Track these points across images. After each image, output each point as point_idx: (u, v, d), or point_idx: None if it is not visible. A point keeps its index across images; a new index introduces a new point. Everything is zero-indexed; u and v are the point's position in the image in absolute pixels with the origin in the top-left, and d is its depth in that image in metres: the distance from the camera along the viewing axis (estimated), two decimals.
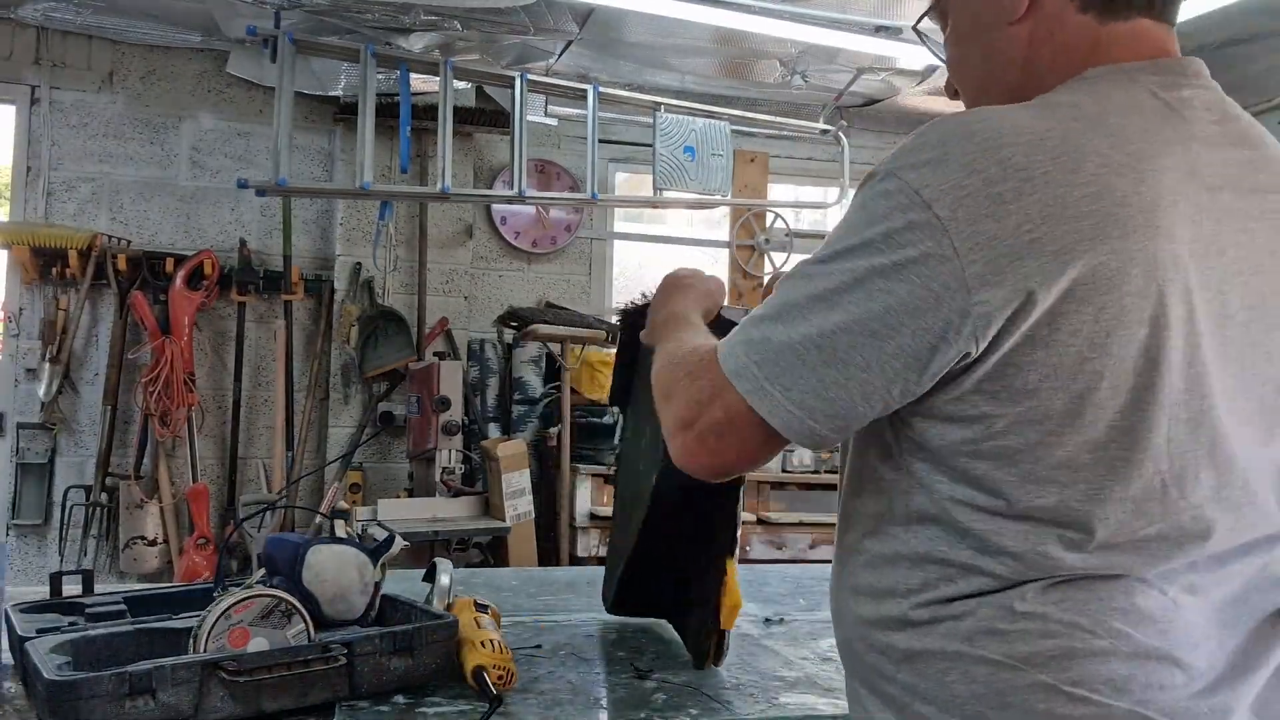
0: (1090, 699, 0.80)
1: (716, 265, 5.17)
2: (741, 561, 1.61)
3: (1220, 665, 0.84)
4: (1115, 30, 0.91)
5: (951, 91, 1.05)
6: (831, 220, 5.52)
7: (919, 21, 1.10)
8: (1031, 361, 0.80)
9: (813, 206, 5.22)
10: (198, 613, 1.28)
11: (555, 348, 4.32)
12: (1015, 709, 0.81)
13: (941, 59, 1.06)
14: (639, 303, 1.52)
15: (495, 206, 4.72)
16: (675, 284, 1.30)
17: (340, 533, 1.46)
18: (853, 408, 0.84)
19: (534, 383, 4.48)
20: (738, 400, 0.87)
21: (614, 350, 4.65)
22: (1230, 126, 0.88)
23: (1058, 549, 0.82)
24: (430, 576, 1.49)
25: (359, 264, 4.39)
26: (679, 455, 0.93)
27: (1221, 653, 0.84)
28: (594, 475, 4.16)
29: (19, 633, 1.28)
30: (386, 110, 3.88)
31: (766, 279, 5.06)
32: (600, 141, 3.93)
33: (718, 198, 4.20)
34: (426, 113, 3.80)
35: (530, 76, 3.73)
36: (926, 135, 0.84)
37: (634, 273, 5.15)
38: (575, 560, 4.07)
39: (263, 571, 1.41)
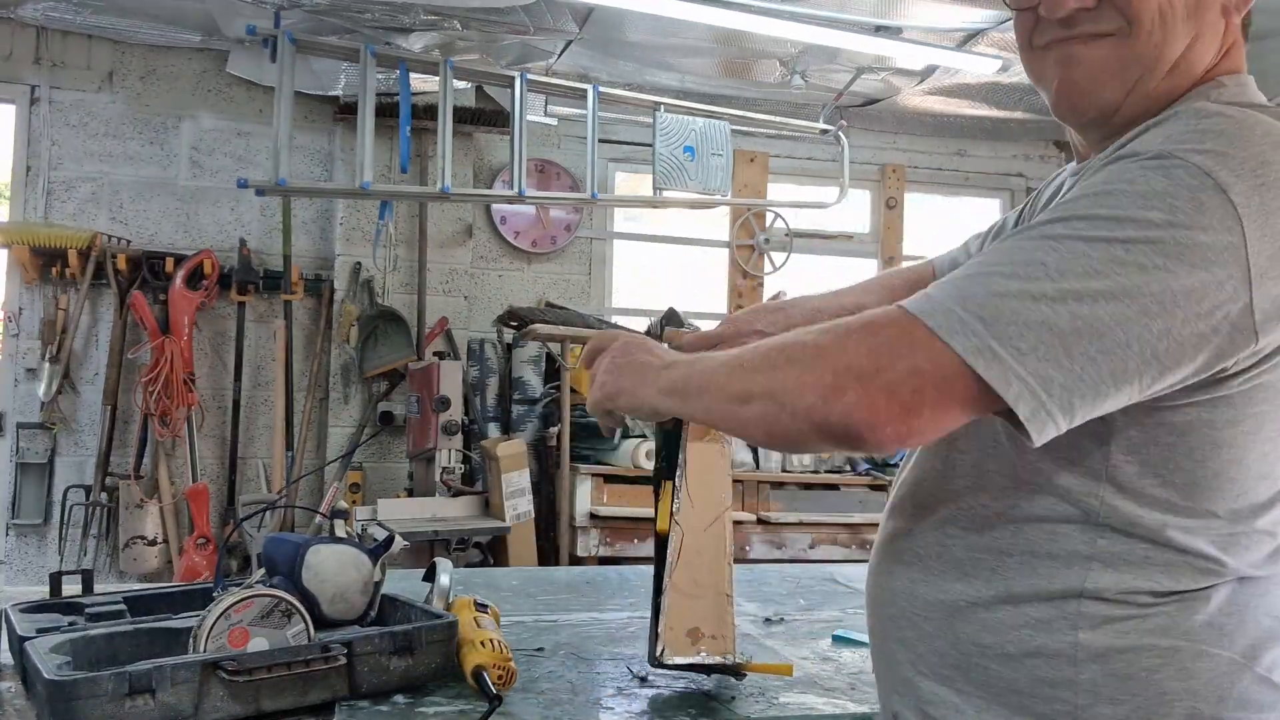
0: None
1: (716, 265, 5.17)
2: (741, 561, 1.60)
3: None
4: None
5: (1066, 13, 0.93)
6: (832, 220, 5.51)
7: None
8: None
9: (813, 206, 5.21)
10: (197, 613, 1.28)
11: (555, 347, 4.32)
12: (1233, 701, 0.81)
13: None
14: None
15: (495, 206, 4.72)
16: (633, 342, 1.04)
17: (340, 533, 1.46)
18: (1097, 389, 0.75)
19: (534, 382, 4.48)
20: (950, 358, 0.75)
21: None
22: None
23: (1249, 549, 0.83)
24: (430, 576, 1.49)
25: (359, 264, 4.39)
26: (847, 410, 0.77)
27: None
28: (594, 475, 4.16)
29: (19, 632, 1.28)
30: (386, 110, 3.88)
31: (766, 278, 5.06)
32: (600, 141, 3.93)
33: (718, 197, 4.19)
34: (426, 112, 3.80)
35: (530, 76, 3.73)
36: (1201, 124, 0.79)
37: (635, 273, 5.15)
38: (575, 560, 4.07)
39: (262, 571, 1.41)
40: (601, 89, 3.87)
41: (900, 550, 0.97)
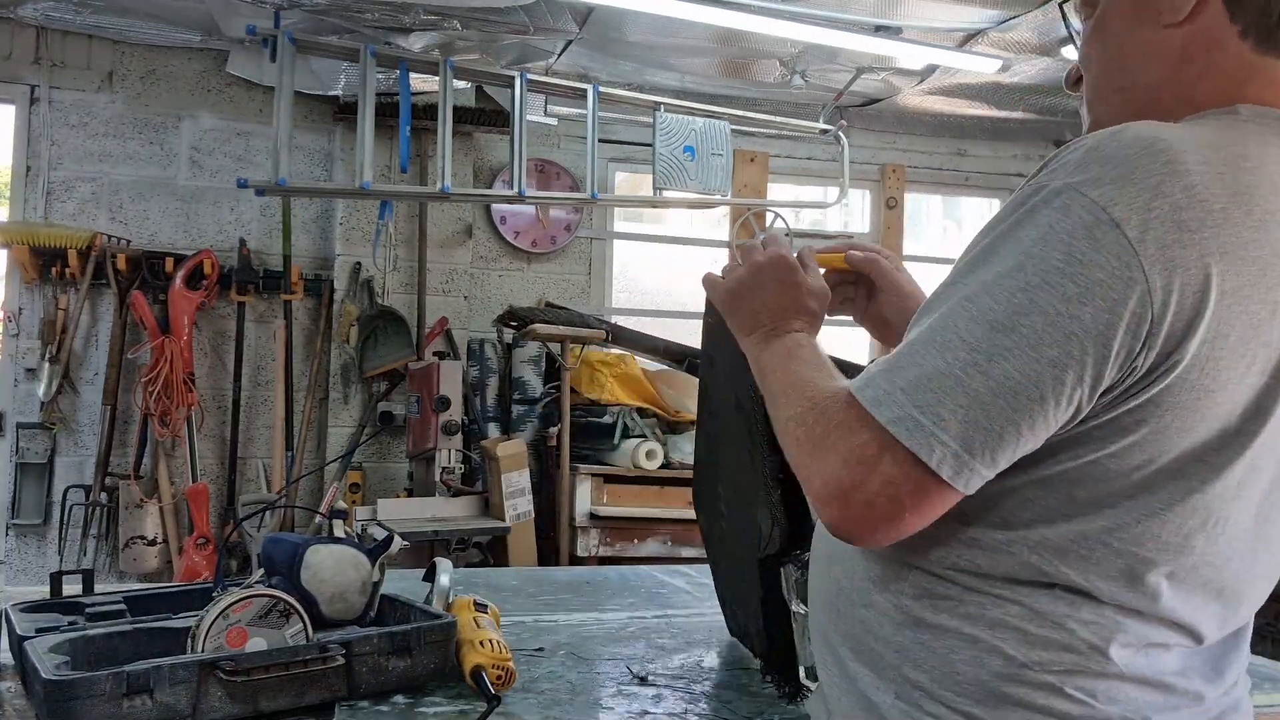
0: (1087, 703, 0.83)
1: (717, 265, 5.16)
2: None
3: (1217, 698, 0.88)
4: (1270, 66, 0.88)
5: (1073, 82, 1.01)
6: (832, 219, 5.51)
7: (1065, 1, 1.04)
8: (1173, 402, 0.78)
9: (813, 206, 5.22)
10: (197, 613, 1.28)
11: (555, 347, 4.32)
12: (1013, 700, 0.84)
13: (1074, 41, 1.01)
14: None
15: (495, 206, 4.72)
16: (781, 276, 1.09)
17: (339, 533, 1.46)
18: (1016, 442, 0.78)
19: (534, 382, 4.48)
20: (913, 460, 0.79)
21: (616, 350, 4.62)
22: None
23: (1104, 573, 0.84)
24: (430, 576, 1.48)
25: (359, 264, 4.39)
26: (836, 521, 0.83)
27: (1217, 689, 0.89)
28: (594, 475, 4.16)
29: (18, 632, 1.28)
30: (386, 110, 3.88)
31: None
32: (600, 141, 3.93)
33: (717, 197, 4.19)
34: (426, 112, 3.80)
35: (530, 76, 3.73)
36: (1104, 149, 0.79)
37: (634, 273, 5.15)
38: (575, 560, 4.07)
39: (261, 571, 1.41)
40: (601, 89, 3.87)
41: None
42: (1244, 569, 0.87)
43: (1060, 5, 1.10)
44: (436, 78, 3.55)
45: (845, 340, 4.30)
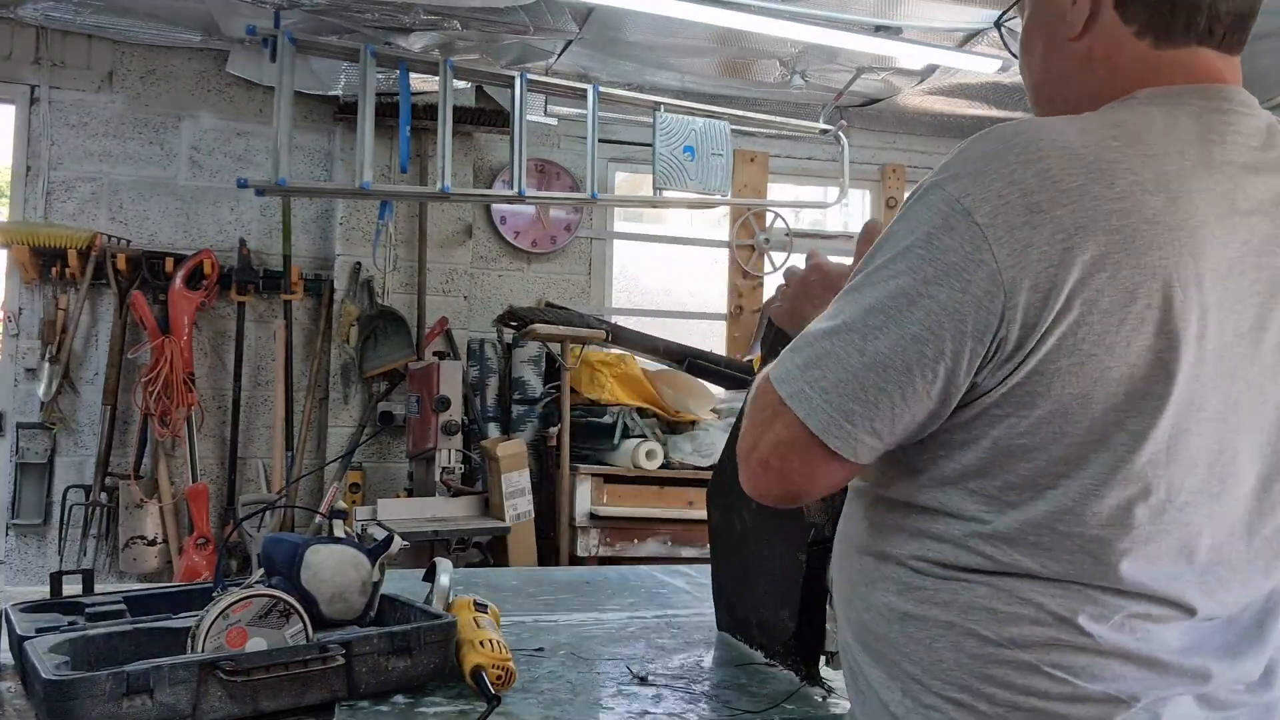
0: (1068, 680, 0.85)
1: (716, 265, 5.17)
2: None
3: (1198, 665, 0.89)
4: (1172, 57, 0.93)
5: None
6: (832, 219, 5.51)
7: (1002, 20, 1.15)
8: (1057, 369, 0.83)
9: (813, 206, 5.22)
10: (197, 613, 1.28)
11: (555, 347, 4.32)
12: (995, 681, 0.86)
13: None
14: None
15: (495, 206, 4.71)
16: (820, 279, 1.20)
17: (339, 533, 1.46)
18: (891, 411, 0.86)
19: (534, 382, 4.48)
20: (796, 421, 0.88)
21: (616, 350, 4.62)
22: (1274, 154, 0.91)
23: (1051, 545, 0.87)
24: (430, 576, 1.49)
25: (359, 264, 4.39)
26: (745, 483, 0.95)
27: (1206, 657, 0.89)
28: (594, 475, 4.16)
29: (18, 632, 1.28)
30: (386, 110, 3.88)
31: (766, 278, 5.06)
32: (600, 141, 3.93)
33: (718, 197, 4.19)
34: (426, 112, 3.79)
35: (530, 76, 3.73)
36: (970, 149, 0.87)
37: (634, 273, 5.15)
38: (575, 560, 4.07)
39: (261, 571, 1.41)
40: (601, 89, 3.87)
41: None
42: (1224, 537, 0.88)
43: (996, 25, 1.19)
44: (436, 78, 3.55)
45: None
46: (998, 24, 1.05)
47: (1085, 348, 0.82)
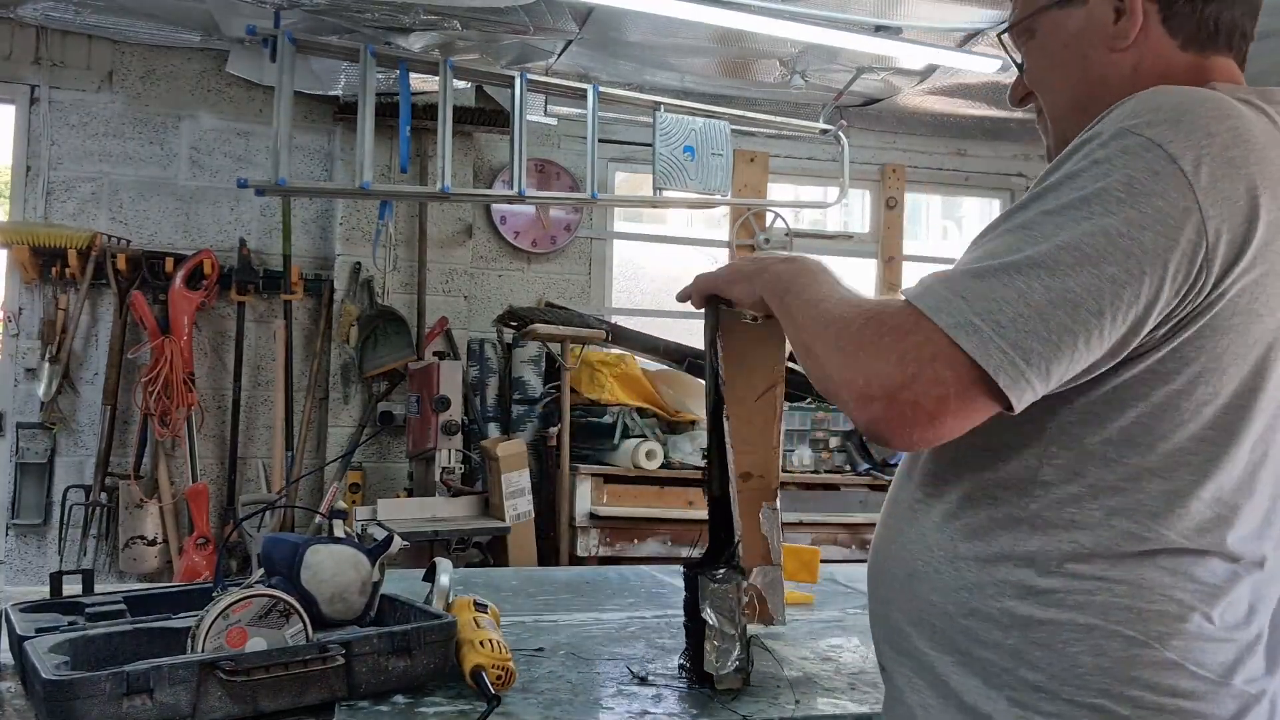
0: (1209, 679, 0.85)
1: (716, 265, 5.15)
2: None
3: None
4: (1215, 63, 0.99)
5: (1019, 99, 1.11)
6: (831, 219, 5.51)
7: (1003, 31, 1.14)
8: (1230, 325, 0.84)
9: (813, 206, 5.22)
10: (196, 612, 1.28)
11: (555, 347, 4.32)
12: (1141, 683, 0.84)
13: (1018, 66, 1.11)
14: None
15: (495, 206, 4.71)
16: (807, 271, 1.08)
17: (339, 533, 1.46)
18: (1072, 354, 0.81)
19: (534, 382, 4.48)
20: (968, 364, 0.81)
21: (616, 350, 4.62)
22: None
23: (1183, 523, 0.86)
24: (430, 576, 1.49)
25: (359, 264, 4.39)
26: (875, 420, 0.83)
27: None
28: (594, 475, 4.16)
29: (18, 632, 1.28)
30: (386, 110, 3.88)
31: None
32: (600, 141, 3.93)
33: (718, 197, 4.19)
34: (426, 112, 3.79)
35: (530, 76, 3.73)
36: (1152, 100, 0.86)
37: (633, 272, 5.15)
38: (575, 560, 4.06)
39: (261, 571, 1.41)
40: (601, 89, 3.87)
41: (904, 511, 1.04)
42: None
43: (999, 36, 1.18)
44: (436, 78, 3.55)
45: None
46: (1000, 36, 1.04)
47: (1256, 306, 0.83)
